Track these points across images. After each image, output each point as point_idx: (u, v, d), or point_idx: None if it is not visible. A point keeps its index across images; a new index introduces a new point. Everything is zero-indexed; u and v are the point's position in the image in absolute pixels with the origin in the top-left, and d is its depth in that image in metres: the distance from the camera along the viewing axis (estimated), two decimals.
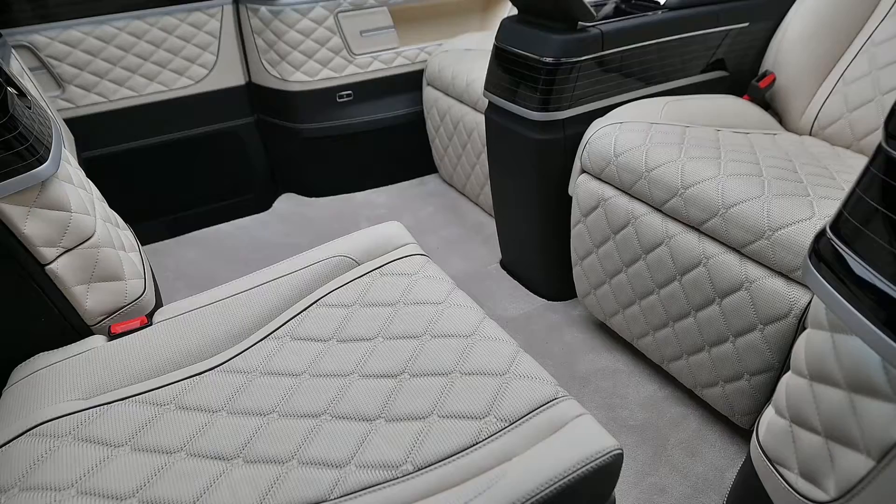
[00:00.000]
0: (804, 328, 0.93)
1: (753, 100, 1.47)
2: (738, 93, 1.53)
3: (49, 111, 1.18)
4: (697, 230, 1.09)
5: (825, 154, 1.24)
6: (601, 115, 1.37)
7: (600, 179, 1.26)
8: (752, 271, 1.00)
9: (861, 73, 1.33)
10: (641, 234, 1.18)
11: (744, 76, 1.54)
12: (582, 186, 1.29)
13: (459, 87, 1.82)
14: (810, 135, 1.41)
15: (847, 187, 1.06)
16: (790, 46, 1.42)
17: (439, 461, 0.67)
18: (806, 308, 0.93)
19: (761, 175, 1.07)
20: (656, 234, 1.15)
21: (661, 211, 1.15)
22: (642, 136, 1.21)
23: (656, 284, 1.19)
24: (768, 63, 1.49)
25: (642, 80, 1.40)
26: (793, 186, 1.03)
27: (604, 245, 1.29)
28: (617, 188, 1.23)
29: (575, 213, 1.34)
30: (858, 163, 1.21)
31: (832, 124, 1.36)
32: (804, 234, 0.93)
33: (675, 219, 1.12)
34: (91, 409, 0.75)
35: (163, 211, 1.93)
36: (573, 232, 1.37)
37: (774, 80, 1.45)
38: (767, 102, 1.49)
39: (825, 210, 0.96)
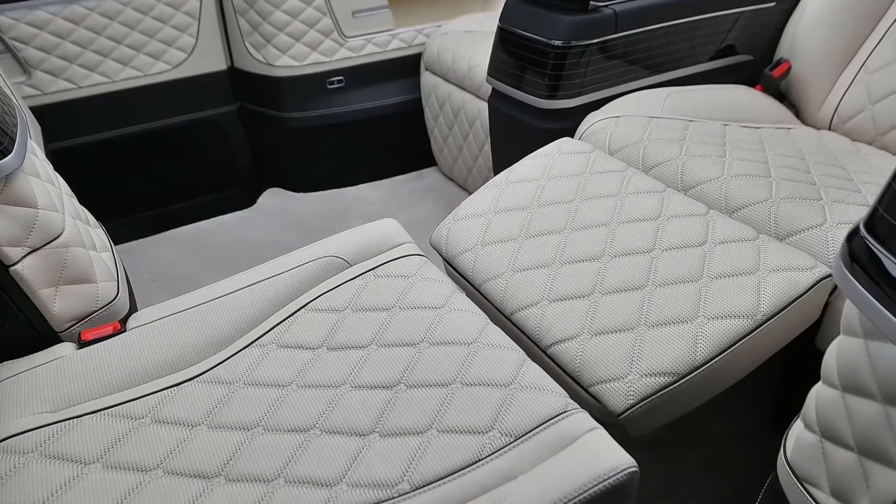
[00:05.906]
0: (837, 334, 0.93)
1: (767, 90, 1.46)
2: (751, 83, 1.53)
3: (13, 98, 1.18)
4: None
5: (844, 150, 1.24)
6: None
7: None
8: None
9: (885, 61, 1.32)
10: (630, 182, 1.10)
11: (756, 64, 1.54)
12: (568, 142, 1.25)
13: (460, 72, 1.82)
14: (829, 129, 1.40)
15: (865, 189, 1.06)
16: (807, 31, 1.41)
17: (438, 479, 0.67)
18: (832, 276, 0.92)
19: (769, 176, 1.06)
20: (652, 184, 1.08)
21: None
22: (640, 132, 1.20)
23: (618, 220, 1.02)
24: (783, 50, 1.49)
25: (658, 65, 1.40)
26: (804, 189, 1.03)
27: (562, 176, 1.14)
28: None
29: (548, 148, 1.23)
30: (880, 160, 1.21)
31: (853, 117, 1.35)
32: (814, 243, 0.93)
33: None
34: (59, 423, 0.75)
35: (137, 207, 1.92)
36: (525, 162, 1.19)
37: (790, 68, 1.44)
38: (782, 93, 1.48)
39: (838, 215, 0.96)
